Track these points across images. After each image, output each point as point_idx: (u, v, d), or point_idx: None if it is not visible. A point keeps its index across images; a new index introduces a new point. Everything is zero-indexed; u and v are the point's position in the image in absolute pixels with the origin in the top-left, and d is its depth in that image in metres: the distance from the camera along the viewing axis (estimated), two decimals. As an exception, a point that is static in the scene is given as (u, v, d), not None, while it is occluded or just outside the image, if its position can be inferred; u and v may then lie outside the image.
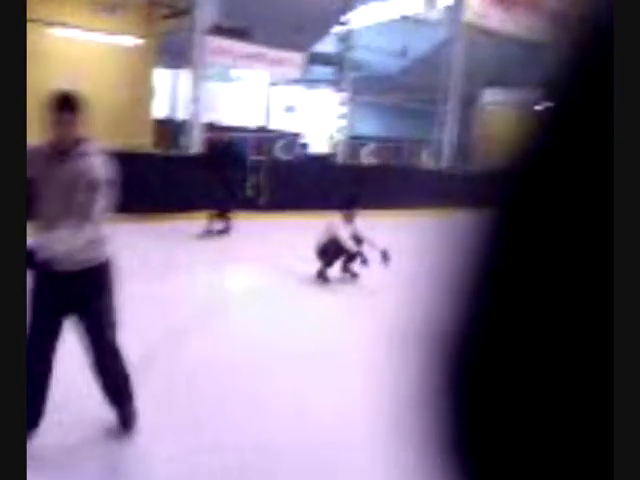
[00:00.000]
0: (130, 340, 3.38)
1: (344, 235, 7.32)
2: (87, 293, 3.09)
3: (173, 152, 12.16)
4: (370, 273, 7.26)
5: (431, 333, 0.50)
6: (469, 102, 18.38)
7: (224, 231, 9.81)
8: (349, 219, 7.49)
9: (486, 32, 16.86)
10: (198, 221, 9.68)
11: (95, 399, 3.30)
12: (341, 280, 7.65)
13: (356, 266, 7.52)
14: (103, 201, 2.98)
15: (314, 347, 5.10)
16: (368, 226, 7.68)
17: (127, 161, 10.16)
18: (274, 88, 17.45)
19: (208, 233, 9.58)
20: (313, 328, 5.76)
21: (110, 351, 3.20)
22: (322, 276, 7.51)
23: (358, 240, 7.43)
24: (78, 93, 2.98)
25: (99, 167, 3.00)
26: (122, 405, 3.30)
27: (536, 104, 0.50)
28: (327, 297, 7.05)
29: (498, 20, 17.03)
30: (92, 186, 2.92)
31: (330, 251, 7.40)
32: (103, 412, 3.32)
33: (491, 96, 18.97)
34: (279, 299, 6.80)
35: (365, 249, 7.37)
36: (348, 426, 3.57)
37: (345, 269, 7.76)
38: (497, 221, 0.48)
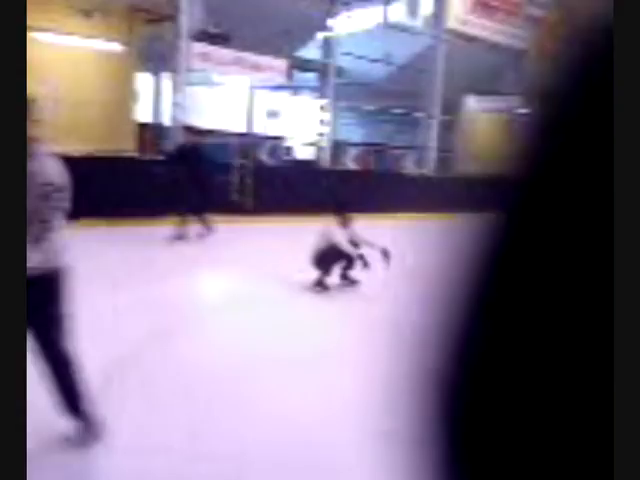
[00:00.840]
0: (113, 345, 3.26)
1: (342, 240, 7.02)
2: (38, 300, 2.93)
3: (154, 156, 12.11)
4: (370, 280, 7.03)
5: (426, 340, 0.50)
6: (452, 109, 18.50)
7: (202, 235, 9.67)
8: (345, 224, 7.19)
9: (469, 39, 17.01)
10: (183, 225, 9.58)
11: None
12: (340, 288, 7.31)
13: (357, 272, 7.21)
14: (57, 206, 2.86)
15: (304, 353, 5.00)
16: (368, 226, 7.53)
17: (105, 165, 10.28)
18: (257, 93, 17.43)
19: (179, 238, 9.44)
20: (306, 334, 5.60)
21: (62, 359, 3.10)
22: (321, 285, 7.13)
23: (355, 245, 7.17)
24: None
25: (51, 170, 2.86)
26: (80, 413, 3.17)
27: (520, 110, 0.50)
28: (321, 304, 6.78)
29: (481, 27, 17.19)
30: (44, 189, 2.78)
31: (328, 258, 7.04)
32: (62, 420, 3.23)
33: (474, 103, 19.09)
34: (268, 305, 6.53)
35: (365, 252, 7.12)
36: (338, 427, 3.55)
37: (344, 276, 7.40)
38: (488, 225, 0.48)
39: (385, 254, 7.01)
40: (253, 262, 8.35)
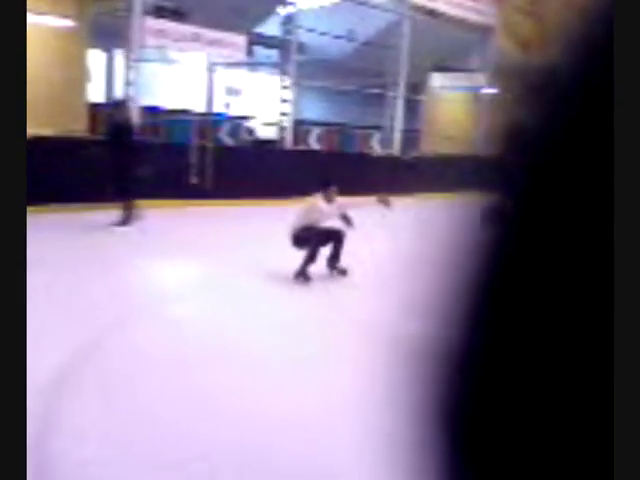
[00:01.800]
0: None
1: (328, 214, 6.40)
2: None
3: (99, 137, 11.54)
4: (361, 271, 6.51)
5: (426, 343, 0.49)
6: (417, 86, 18.24)
7: (124, 222, 8.97)
8: (330, 199, 6.55)
9: (434, 15, 16.72)
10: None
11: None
12: (326, 279, 6.57)
13: (345, 262, 6.65)
14: None
15: (291, 350, 4.66)
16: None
17: (46, 147, 9.72)
18: (216, 70, 16.91)
19: (121, 224, 8.89)
20: (285, 327, 5.25)
21: None
22: (303, 274, 6.32)
23: (345, 218, 6.60)
24: None
25: None
26: None
27: (486, 89, 0.37)
28: (298, 291, 6.20)
29: (446, 3, 16.91)
30: None
31: (313, 238, 6.25)
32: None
33: (440, 80, 18.85)
34: (234, 294, 6.06)
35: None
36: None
37: (331, 265, 6.66)
38: (464, 208, 0.46)
39: (345, 219, 6.60)
40: (214, 247, 7.91)
